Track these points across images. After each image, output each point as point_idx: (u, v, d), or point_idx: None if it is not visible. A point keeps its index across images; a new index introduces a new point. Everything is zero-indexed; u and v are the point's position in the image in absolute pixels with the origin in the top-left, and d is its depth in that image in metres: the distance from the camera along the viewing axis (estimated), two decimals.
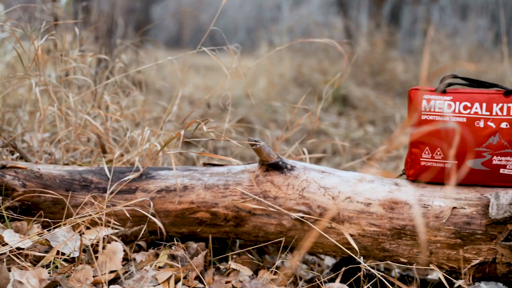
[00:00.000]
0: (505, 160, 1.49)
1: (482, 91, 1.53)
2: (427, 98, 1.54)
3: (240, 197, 1.60)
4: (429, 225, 1.50)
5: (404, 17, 10.38)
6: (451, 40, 6.25)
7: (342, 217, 1.55)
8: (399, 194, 1.54)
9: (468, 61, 5.93)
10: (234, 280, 1.47)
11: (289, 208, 1.57)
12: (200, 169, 1.67)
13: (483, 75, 5.81)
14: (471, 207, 1.49)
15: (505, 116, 1.49)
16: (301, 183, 1.59)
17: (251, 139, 1.58)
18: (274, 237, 1.61)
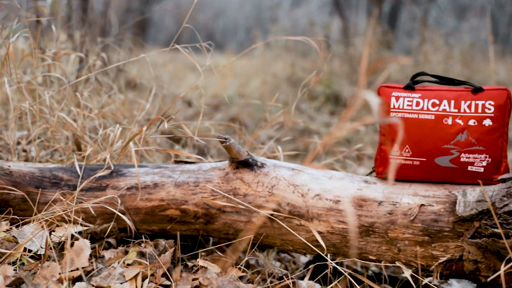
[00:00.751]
0: (473, 157, 1.49)
1: (451, 88, 1.53)
2: (396, 95, 1.54)
3: (210, 195, 1.60)
4: (397, 223, 1.50)
5: (402, 17, 10.38)
6: (444, 40, 6.24)
7: (311, 215, 1.55)
8: (368, 191, 1.54)
9: (461, 61, 5.93)
10: (201, 277, 1.47)
11: (258, 205, 1.57)
12: (171, 167, 1.67)
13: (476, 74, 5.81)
14: (439, 205, 1.49)
15: (473, 113, 1.49)
16: (271, 180, 1.59)
17: (221, 136, 1.58)
18: (244, 234, 1.61)
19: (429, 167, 1.51)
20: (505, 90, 1.49)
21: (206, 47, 1.73)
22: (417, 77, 1.60)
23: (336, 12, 10.24)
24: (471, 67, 5.96)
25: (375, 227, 1.51)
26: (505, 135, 1.50)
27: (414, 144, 1.52)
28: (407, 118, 1.52)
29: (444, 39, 6.24)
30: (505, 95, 1.49)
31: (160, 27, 20.38)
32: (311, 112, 5.68)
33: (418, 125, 1.51)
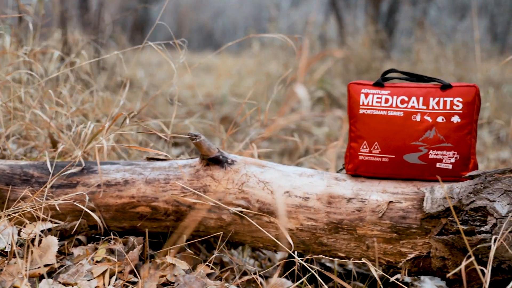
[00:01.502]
0: (441, 154, 1.49)
1: (420, 85, 1.53)
2: (365, 92, 1.54)
3: (180, 192, 1.60)
4: (366, 220, 1.49)
5: (401, 17, 10.38)
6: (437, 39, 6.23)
7: (280, 211, 1.54)
8: (337, 188, 1.54)
9: (453, 59, 5.92)
10: (169, 274, 1.47)
11: (228, 202, 1.57)
12: (143, 164, 1.67)
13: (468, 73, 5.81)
14: (407, 201, 1.48)
15: (442, 110, 1.49)
16: (241, 177, 1.59)
17: (191, 133, 1.58)
18: (214, 231, 1.61)
19: (398, 164, 1.51)
20: (473, 87, 1.49)
21: (179, 44, 1.73)
22: (387, 74, 1.60)
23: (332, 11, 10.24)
24: (464, 66, 5.94)
25: (343, 224, 1.51)
26: (474, 132, 1.50)
27: (383, 141, 1.51)
28: (376, 115, 1.52)
29: (437, 38, 6.22)
30: (474, 92, 1.48)
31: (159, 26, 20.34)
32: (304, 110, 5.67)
33: (387, 122, 1.51)
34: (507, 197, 1.41)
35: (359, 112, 1.54)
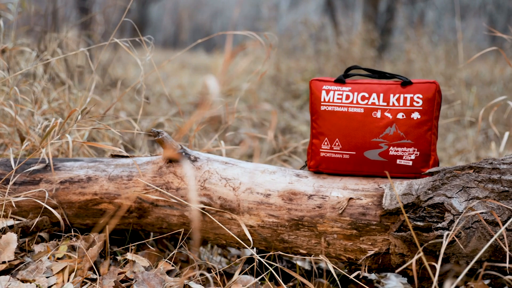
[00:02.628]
0: (402, 150, 1.49)
1: (381, 81, 1.53)
2: (326, 89, 1.54)
3: (143, 189, 1.60)
4: (326, 216, 1.49)
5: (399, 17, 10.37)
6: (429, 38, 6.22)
7: (242, 208, 1.54)
8: (298, 185, 1.54)
9: (444, 59, 5.91)
10: (128, 271, 1.47)
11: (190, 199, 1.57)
12: (106, 161, 1.66)
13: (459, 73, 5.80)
14: (367, 198, 1.48)
15: (402, 106, 1.49)
16: (204, 174, 1.58)
17: (154, 130, 1.57)
18: (177, 228, 1.60)
19: (359, 160, 1.51)
20: (433, 83, 1.49)
21: (146, 41, 1.73)
22: (350, 70, 1.60)
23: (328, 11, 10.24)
24: (455, 65, 5.94)
25: (304, 221, 1.51)
26: (434, 129, 1.50)
27: (343, 137, 1.51)
28: (337, 111, 1.52)
29: (428, 37, 6.22)
30: (434, 88, 1.48)
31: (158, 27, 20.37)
32: (294, 110, 5.67)
33: (348, 118, 1.51)
34: (464, 193, 1.41)
35: (320, 108, 1.54)
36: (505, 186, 1.39)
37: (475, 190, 1.40)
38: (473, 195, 1.40)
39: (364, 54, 6.27)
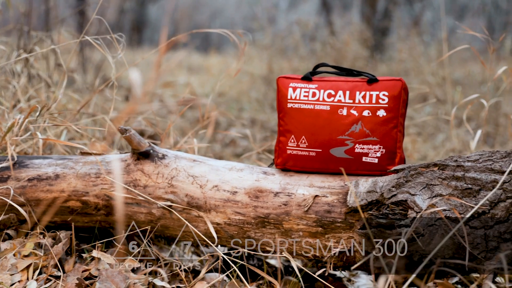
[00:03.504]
0: (367, 148, 1.49)
1: (347, 79, 1.53)
2: (293, 86, 1.54)
3: (111, 186, 1.59)
4: (292, 214, 1.49)
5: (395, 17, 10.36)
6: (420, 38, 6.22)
7: (208, 206, 1.54)
8: (265, 182, 1.54)
9: (436, 59, 5.91)
10: (93, 268, 1.47)
11: (158, 197, 1.57)
12: (75, 158, 1.66)
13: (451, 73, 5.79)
14: (333, 195, 1.48)
15: (368, 104, 1.49)
16: (171, 171, 1.58)
17: (121, 128, 1.57)
18: (145, 225, 1.60)
19: (325, 158, 1.51)
20: (399, 80, 1.48)
21: (117, 39, 1.73)
22: (318, 67, 1.60)
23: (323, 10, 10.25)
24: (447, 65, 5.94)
25: (270, 218, 1.51)
26: (400, 126, 1.50)
27: (310, 135, 1.51)
28: (304, 109, 1.52)
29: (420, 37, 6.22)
30: (400, 86, 1.48)
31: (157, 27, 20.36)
32: None
33: (314, 116, 1.51)
34: (428, 190, 1.40)
35: (287, 106, 1.53)
36: (468, 183, 1.39)
37: (439, 187, 1.40)
38: (437, 193, 1.40)
39: (357, 54, 6.26)
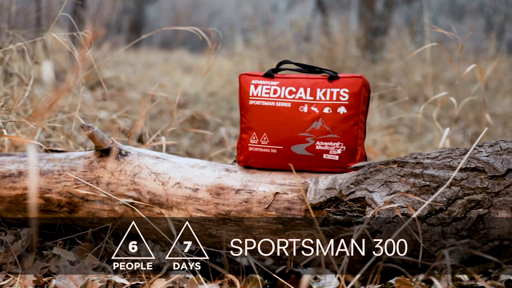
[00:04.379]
0: (328, 145, 1.48)
1: (309, 76, 1.53)
2: (255, 83, 1.54)
3: (74, 183, 1.59)
4: (253, 211, 1.49)
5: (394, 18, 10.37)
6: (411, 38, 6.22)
7: (170, 203, 1.54)
8: (226, 179, 1.54)
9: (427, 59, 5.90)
10: (53, 265, 1.46)
11: (120, 194, 1.57)
12: (39, 155, 1.66)
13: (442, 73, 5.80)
14: (293, 193, 1.48)
15: (328, 101, 1.48)
16: (134, 168, 1.58)
17: (84, 124, 1.57)
18: (108, 223, 1.60)
19: (286, 155, 1.50)
20: (360, 78, 1.48)
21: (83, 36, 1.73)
22: (281, 65, 1.60)
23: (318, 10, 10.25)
24: (438, 66, 5.94)
25: (231, 216, 1.50)
26: (361, 123, 1.49)
27: (271, 132, 1.51)
28: (265, 106, 1.52)
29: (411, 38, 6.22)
30: (360, 83, 1.48)
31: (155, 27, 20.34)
32: None
33: (275, 113, 1.51)
34: (386, 187, 1.40)
35: (248, 103, 1.53)
36: (426, 180, 1.39)
37: (397, 184, 1.40)
38: (395, 189, 1.39)
39: (348, 54, 6.26)
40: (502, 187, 1.35)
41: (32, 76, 1.77)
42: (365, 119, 1.51)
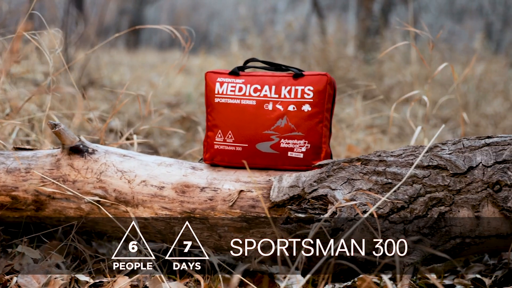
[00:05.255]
0: (293, 143, 1.48)
1: (274, 74, 1.52)
2: (220, 81, 1.53)
3: (40, 181, 1.59)
4: (217, 209, 1.49)
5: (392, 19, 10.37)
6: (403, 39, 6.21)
7: (136, 201, 1.54)
8: (192, 177, 1.53)
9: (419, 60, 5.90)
10: (16, 263, 1.46)
11: (87, 192, 1.56)
12: (7, 153, 1.66)
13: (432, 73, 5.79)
14: (258, 191, 1.47)
15: (293, 98, 1.48)
16: (100, 166, 1.58)
17: (51, 122, 1.57)
18: (75, 221, 1.60)
19: (252, 153, 1.50)
20: (325, 75, 1.48)
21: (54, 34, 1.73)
22: (248, 63, 1.60)
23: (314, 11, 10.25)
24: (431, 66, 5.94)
25: (196, 213, 1.50)
26: (326, 121, 1.49)
27: (236, 130, 1.51)
28: (230, 103, 1.51)
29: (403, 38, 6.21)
30: (325, 81, 1.48)
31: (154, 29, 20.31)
32: None
33: (240, 110, 1.50)
34: (349, 185, 1.40)
35: (214, 101, 1.53)
36: (388, 178, 1.38)
37: (360, 182, 1.40)
38: (357, 187, 1.39)
39: (340, 55, 6.26)
40: (464, 185, 1.35)
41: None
42: (331, 117, 1.51)
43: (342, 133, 3.08)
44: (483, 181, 1.34)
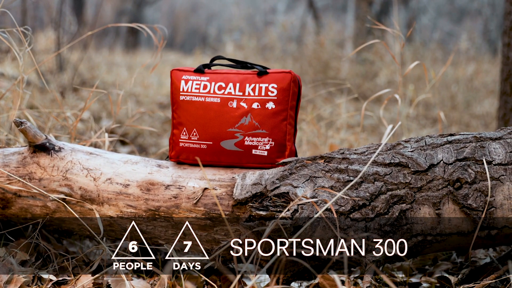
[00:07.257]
0: (257, 140, 1.48)
1: (239, 71, 1.52)
2: (185, 78, 1.53)
3: (6, 179, 1.59)
4: (182, 206, 1.48)
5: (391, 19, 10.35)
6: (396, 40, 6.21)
7: (101, 199, 1.53)
8: (157, 175, 1.53)
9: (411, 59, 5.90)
10: None
11: (52, 190, 1.56)
12: None
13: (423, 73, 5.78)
14: (222, 188, 1.47)
15: (257, 96, 1.48)
16: (66, 164, 1.58)
17: (17, 120, 1.57)
18: (41, 219, 1.59)
19: (216, 151, 1.50)
20: (289, 73, 1.48)
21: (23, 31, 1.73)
22: (214, 60, 1.59)
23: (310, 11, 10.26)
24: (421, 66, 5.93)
25: (161, 211, 1.50)
26: (290, 119, 1.49)
27: (201, 127, 1.50)
28: (195, 101, 1.51)
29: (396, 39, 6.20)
30: (289, 78, 1.47)
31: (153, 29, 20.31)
32: None
33: (204, 108, 1.50)
34: (311, 183, 1.39)
35: (179, 98, 1.53)
36: (351, 175, 1.38)
37: (322, 179, 1.39)
38: (320, 185, 1.39)
39: (332, 55, 6.26)
40: (425, 182, 1.35)
41: None
42: (295, 115, 1.51)
43: (325, 133, 3.08)
44: (444, 179, 1.34)
